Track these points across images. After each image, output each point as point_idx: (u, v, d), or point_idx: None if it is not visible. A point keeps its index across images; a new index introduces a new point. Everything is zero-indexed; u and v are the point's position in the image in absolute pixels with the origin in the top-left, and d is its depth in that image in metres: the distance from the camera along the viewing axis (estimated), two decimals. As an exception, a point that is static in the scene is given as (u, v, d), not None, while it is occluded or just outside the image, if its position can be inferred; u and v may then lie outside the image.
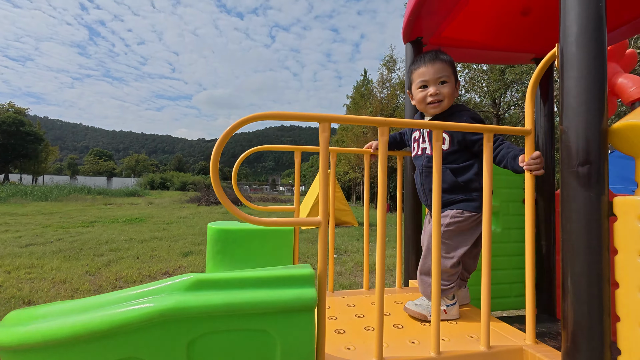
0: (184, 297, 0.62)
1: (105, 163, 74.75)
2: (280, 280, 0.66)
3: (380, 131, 0.74)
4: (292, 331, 0.64)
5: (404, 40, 1.33)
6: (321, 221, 0.71)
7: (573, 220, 0.58)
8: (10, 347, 0.56)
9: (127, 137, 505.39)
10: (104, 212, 13.28)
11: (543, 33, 1.39)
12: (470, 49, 1.45)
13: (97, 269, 4.63)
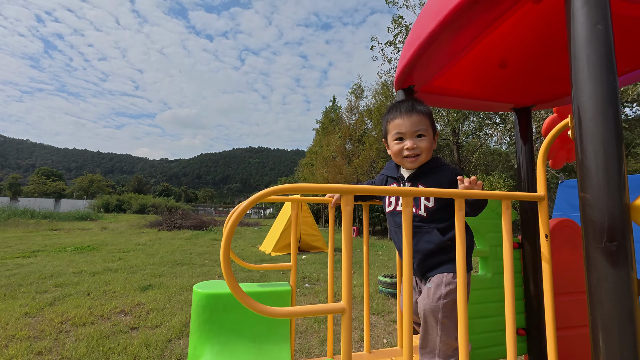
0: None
1: (53, 183, 68.54)
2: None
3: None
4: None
5: (396, 87, 1.35)
6: (345, 308, 0.64)
7: (605, 301, 0.57)
8: None
9: (81, 155, 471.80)
10: (49, 239, 12.02)
11: (520, 84, 1.49)
12: (455, 97, 1.51)
13: (38, 309, 4.08)
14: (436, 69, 1.18)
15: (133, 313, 4.10)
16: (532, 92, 1.55)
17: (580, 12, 0.65)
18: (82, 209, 31.79)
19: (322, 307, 0.64)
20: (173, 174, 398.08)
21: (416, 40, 1.01)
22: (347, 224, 0.63)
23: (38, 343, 3.09)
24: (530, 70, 1.43)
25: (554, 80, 1.47)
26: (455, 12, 0.83)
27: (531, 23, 1.18)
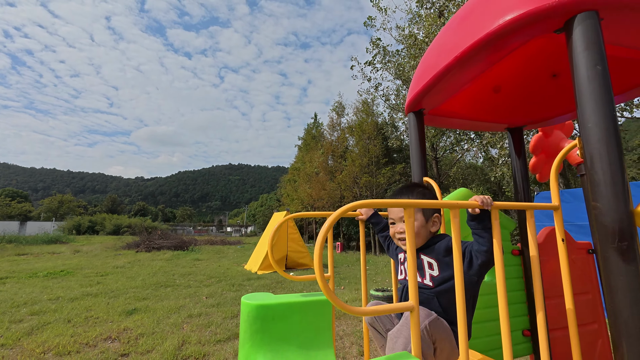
0: None
1: (18, 205, 64.44)
2: None
3: (453, 214, 0.79)
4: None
5: (407, 110, 1.48)
6: (414, 306, 0.71)
7: (621, 293, 0.68)
8: None
9: (49, 175, 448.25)
10: (17, 264, 11.26)
11: (513, 107, 1.66)
12: (457, 119, 1.66)
13: (15, 340, 3.82)
14: (445, 96, 1.31)
15: (121, 339, 3.92)
16: (524, 114, 1.73)
17: (582, 55, 0.80)
18: (51, 232, 30.02)
19: (395, 306, 0.71)
20: (149, 192, 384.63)
21: (430, 71, 1.15)
22: (411, 235, 0.72)
23: (20, 376, 2.90)
24: (521, 95, 1.60)
25: (542, 104, 1.65)
26: (470, 50, 0.96)
27: (522, 55, 1.35)
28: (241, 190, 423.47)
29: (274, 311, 1.09)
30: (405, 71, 20.27)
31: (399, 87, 22.32)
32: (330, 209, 23.32)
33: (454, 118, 1.65)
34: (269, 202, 56.70)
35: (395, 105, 22.03)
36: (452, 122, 1.69)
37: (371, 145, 21.68)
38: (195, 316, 4.95)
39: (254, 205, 76.95)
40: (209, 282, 8.06)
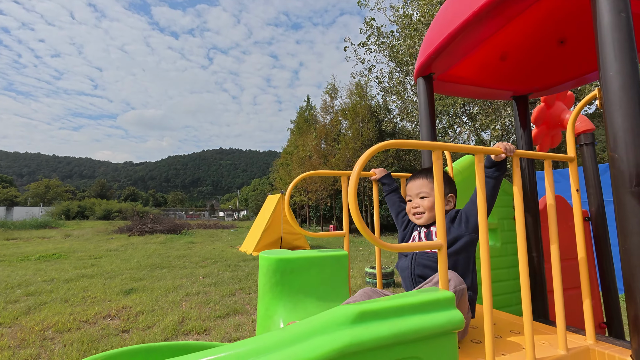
0: (355, 331, 0.57)
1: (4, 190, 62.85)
2: (430, 304, 0.66)
3: (477, 159, 0.80)
4: (441, 354, 0.64)
5: (417, 75, 1.46)
6: (442, 244, 0.72)
7: (634, 235, 0.70)
8: None
9: (34, 159, 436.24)
10: (6, 249, 11.10)
11: (519, 75, 1.66)
12: (464, 85, 1.65)
13: (13, 318, 3.81)
14: (455, 59, 1.30)
15: (120, 316, 3.95)
16: (529, 82, 1.73)
17: (606, 2, 0.79)
18: (40, 217, 29.52)
19: (424, 244, 0.72)
20: (139, 177, 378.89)
21: (442, 34, 1.13)
22: (439, 175, 0.73)
23: (22, 351, 2.91)
24: (527, 63, 1.60)
25: (548, 71, 1.66)
26: (490, 3, 0.94)
27: (530, 21, 1.33)
28: (233, 175, 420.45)
29: (293, 265, 1.11)
30: (399, 53, 20.00)
31: (393, 70, 22.07)
32: (323, 192, 23.33)
33: (461, 84, 1.64)
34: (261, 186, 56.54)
35: (388, 88, 21.86)
36: (460, 89, 1.69)
37: (364, 128, 21.58)
38: (193, 295, 5.00)
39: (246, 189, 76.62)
40: (205, 263, 8.10)
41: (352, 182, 0.63)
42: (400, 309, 0.64)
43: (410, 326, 0.62)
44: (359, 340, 0.58)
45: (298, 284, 1.10)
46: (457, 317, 0.67)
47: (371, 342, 0.59)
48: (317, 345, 0.55)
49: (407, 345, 0.62)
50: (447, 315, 0.66)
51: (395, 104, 22.93)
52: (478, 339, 1.06)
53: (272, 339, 0.57)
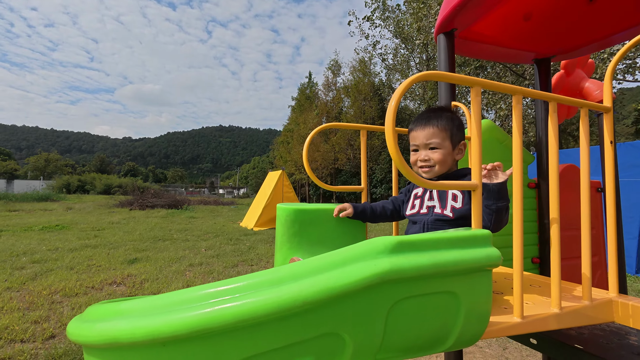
0: (395, 259, 0.56)
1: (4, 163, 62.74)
2: (467, 240, 0.64)
3: (515, 99, 0.76)
4: (476, 291, 0.63)
5: (438, 31, 1.39)
6: (477, 184, 0.70)
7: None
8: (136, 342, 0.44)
9: (32, 133, 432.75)
10: (9, 219, 11.19)
11: (542, 35, 1.59)
12: (485, 45, 1.58)
13: (20, 283, 3.88)
14: (482, 11, 1.23)
15: (126, 283, 4.02)
16: (553, 42, 1.66)
17: None
18: (40, 190, 29.61)
19: (457, 183, 0.70)
20: (138, 153, 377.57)
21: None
22: (477, 113, 0.69)
23: (31, 313, 2.98)
24: (552, 23, 1.52)
25: (573, 32, 1.58)
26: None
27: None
28: (232, 152, 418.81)
29: (312, 216, 1.10)
30: (404, 29, 19.37)
31: (398, 46, 21.45)
32: (324, 170, 23.30)
33: (483, 43, 1.57)
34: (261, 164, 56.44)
35: (392, 65, 21.32)
36: (481, 49, 1.62)
37: (367, 106, 21.27)
38: (196, 265, 5.08)
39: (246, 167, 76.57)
40: (207, 236, 8.19)
41: (389, 114, 0.59)
42: (438, 242, 0.62)
43: (448, 259, 0.61)
44: (399, 267, 0.57)
45: (316, 236, 1.09)
46: (494, 253, 0.65)
47: (411, 270, 0.57)
48: (357, 270, 0.54)
49: (443, 279, 0.61)
50: (484, 252, 0.65)
51: (398, 82, 22.45)
52: (498, 290, 1.07)
53: (310, 265, 0.55)
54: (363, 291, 0.55)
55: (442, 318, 0.64)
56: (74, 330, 0.55)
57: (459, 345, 0.67)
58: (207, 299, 0.50)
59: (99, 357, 0.52)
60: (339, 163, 22.30)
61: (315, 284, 0.52)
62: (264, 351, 0.50)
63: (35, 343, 2.50)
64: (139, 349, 0.48)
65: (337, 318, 0.54)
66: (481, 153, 0.72)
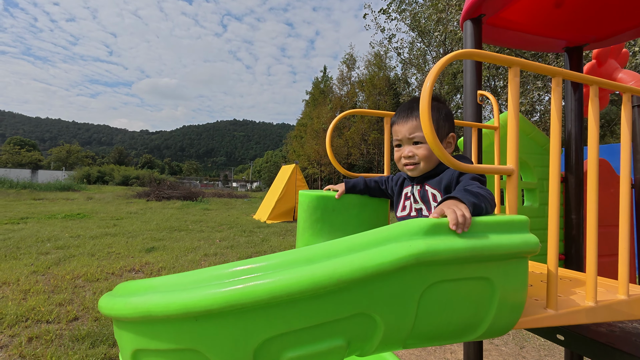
0: (430, 241, 0.55)
1: (28, 153, 65.37)
2: (505, 225, 0.62)
3: (555, 82, 0.72)
4: (511, 278, 0.62)
5: (465, 17, 1.34)
6: (513, 169, 0.68)
7: None
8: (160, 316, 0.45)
9: (55, 125, 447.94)
10: (34, 207, 11.66)
11: (575, 22, 1.51)
12: (514, 32, 1.52)
13: (45, 268, 4.04)
14: (509, -1, 1.17)
15: (144, 271, 4.13)
16: (586, 30, 1.58)
17: None
18: (62, 180, 30.68)
19: (493, 168, 0.68)
20: (155, 146, 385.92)
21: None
22: (514, 96, 0.67)
23: (56, 296, 3.10)
24: (586, 9, 1.44)
25: (609, 18, 1.50)
26: None
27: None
28: (246, 146, 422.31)
29: (334, 203, 1.10)
30: (421, 22, 18.95)
31: (414, 40, 21.05)
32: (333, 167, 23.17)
33: (511, 30, 1.51)
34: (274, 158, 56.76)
35: (408, 59, 20.96)
36: (509, 37, 1.55)
37: (382, 101, 21.00)
38: (211, 255, 5.17)
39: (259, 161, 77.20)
40: (221, 228, 8.31)
41: (425, 96, 0.57)
42: (474, 225, 0.60)
43: (485, 243, 0.59)
44: (435, 249, 0.55)
45: (338, 223, 1.09)
46: (532, 240, 0.63)
47: (446, 253, 0.56)
48: (392, 250, 0.53)
49: (478, 264, 0.59)
50: (522, 238, 0.63)
51: (414, 77, 22.08)
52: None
53: (343, 244, 0.55)
54: (398, 272, 0.53)
55: (474, 305, 0.62)
56: (107, 305, 0.56)
57: (490, 334, 0.65)
58: (239, 275, 0.50)
59: (130, 331, 0.52)
60: (352, 158, 22.18)
61: (351, 262, 0.51)
62: (295, 329, 0.50)
63: (60, 324, 2.60)
64: (172, 323, 0.48)
65: (370, 298, 0.53)
66: (518, 138, 0.69)
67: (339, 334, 0.53)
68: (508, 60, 0.66)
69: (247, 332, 0.48)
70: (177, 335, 0.48)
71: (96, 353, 2.23)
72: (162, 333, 0.49)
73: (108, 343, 2.37)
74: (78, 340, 2.37)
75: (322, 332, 0.51)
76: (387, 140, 1.35)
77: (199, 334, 0.47)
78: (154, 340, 0.49)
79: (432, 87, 0.57)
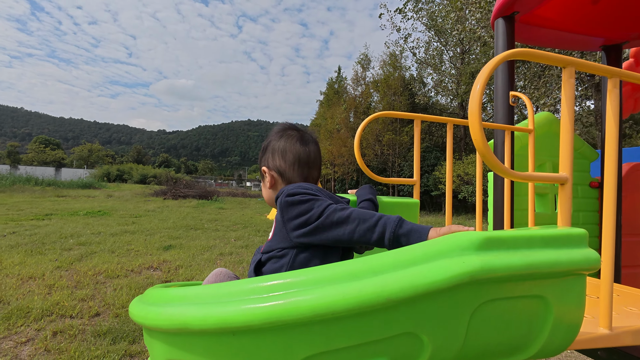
0: (485, 257, 0.52)
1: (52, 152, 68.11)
2: (562, 239, 0.58)
3: (612, 83, 0.67)
4: (568, 297, 0.58)
5: (497, 15, 1.28)
6: (567, 177, 0.63)
7: None
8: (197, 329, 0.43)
9: (77, 125, 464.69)
10: (58, 204, 12.08)
11: (613, 19, 1.43)
12: (548, 30, 1.45)
13: (68, 263, 4.16)
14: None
15: (162, 269, 4.20)
16: (625, 27, 1.49)
17: None
18: (84, 178, 31.74)
19: (546, 176, 0.64)
20: (171, 145, 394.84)
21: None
22: (570, 100, 0.62)
23: (79, 291, 3.18)
24: (624, 5, 1.36)
25: (651, 15, 1.41)
26: None
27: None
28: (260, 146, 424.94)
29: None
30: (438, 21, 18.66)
31: (431, 39, 20.74)
32: (351, 166, 23.16)
33: (545, 28, 1.44)
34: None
35: (424, 59, 20.66)
36: (543, 35, 1.48)
37: (397, 101, 20.79)
38: (226, 254, 5.21)
39: (273, 162, 77.67)
40: (235, 227, 8.40)
41: (475, 100, 0.54)
42: (530, 240, 0.56)
43: (543, 259, 0.54)
44: (490, 266, 0.51)
45: None
46: (593, 256, 0.58)
47: (502, 270, 0.52)
48: (444, 268, 0.49)
49: (534, 281, 0.55)
50: (581, 253, 0.58)
51: (430, 77, 21.75)
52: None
53: (388, 259, 0.51)
54: (449, 290, 0.50)
55: (528, 324, 0.57)
56: (139, 313, 0.55)
57: (542, 355, 0.60)
58: (277, 289, 0.48)
59: (163, 341, 0.51)
60: (366, 159, 22.03)
61: (400, 280, 0.48)
62: (337, 348, 0.47)
63: (82, 319, 2.66)
64: (209, 337, 0.46)
65: (418, 317, 0.50)
66: (573, 141, 0.64)
67: (383, 354, 0.49)
68: (563, 60, 0.62)
69: (287, 349, 0.45)
70: (213, 349, 0.46)
71: (117, 349, 2.27)
72: (197, 346, 0.47)
73: (128, 340, 2.41)
74: (100, 336, 2.42)
75: (365, 351, 0.48)
76: (417, 143, 1.31)
77: (237, 349, 0.45)
78: (189, 353, 0.48)
79: (483, 91, 0.53)
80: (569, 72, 0.63)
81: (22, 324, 2.53)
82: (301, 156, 0.99)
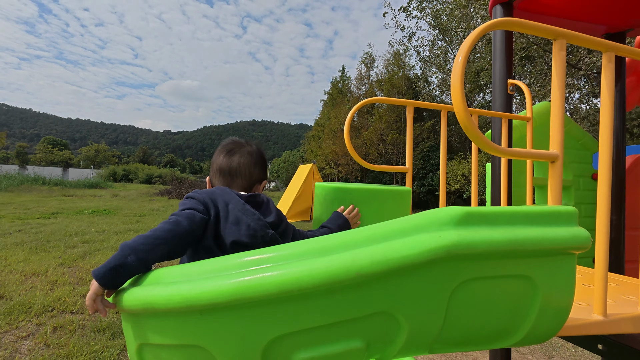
0: (463, 231, 0.49)
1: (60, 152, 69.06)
2: (549, 216, 0.56)
3: (606, 57, 0.65)
4: (556, 278, 0.55)
5: (495, 1, 1.25)
6: (557, 155, 0.61)
7: None
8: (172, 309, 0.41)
9: (85, 125, 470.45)
10: (64, 203, 12.22)
11: (616, 5, 1.39)
12: (549, 17, 1.41)
13: (72, 260, 4.20)
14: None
15: (163, 265, 4.20)
16: (629, 14, 1.44)
17: None
18: (91, 178, 32.06)
19: (535, 152, 0.61)
20: (177, 146, 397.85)
21: None
22: (560, 74, 0.60)
23: (81, 287, 3.20)
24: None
25: (654, 1, 1.37)
26: None
27: None
28: (264, 147, 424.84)
29: (352, 195, 1.04)
30: (442, 19, 18.52)
31: (435, 37, 20.61)
32: (354, 166, 23.10)
33: (545, 15, 1.40)
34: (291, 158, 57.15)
35: (428, 57, 20.54)
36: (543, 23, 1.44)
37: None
38: (229, 252, 5.22)
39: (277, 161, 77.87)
40: (239, 226, 8.40)
41: (457, 69, 0.51)
42: (514, 216, 0.53)
43: (527, 236, 0.51)
44: (468, 240, 0.48)
45: (361, 213, 1.03)
46: (582, 234, 0.55)
47: (482, 245, 0.49)
48: (419, 242, 0.47)
49: (519, 260, 0.52)
50: (570, 231, 0.55)
51: (434, 75, 21.61)
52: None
53: (363, 234, 0.49)
54: (425, 266, 0.47)
55: (513, 307, 0.54)
56: (113, 296, 0.53)
57: (528, 341, 0.58)
58: (247, 266, 0.46)
59: (134, 324, 0.50)
60: (370, 158, 21.97)
61: (372, 254, 0.45)
62: (308, 327, 0.45)
63: (82, 315, 2.68)
64: (175, 316, 0.45)
65: (393, 295, 0.47)
66: (563, 118, 0.61)
67: (357, 335, 0.47)
68: (553, 31, 0.59)
69: (255, 328, 0.43)
70: (181, 330, 0.44)
71: (116, 344, 2.27)
72: (165, 327, 0.46)
73: (127, 335, 2.41)
74: (99, 332, 2.43)
75: (338, 331, 0.46)
76: (409, 130, 1.28)
77: (204, 329, 0.43)
78: (158, 335, 0.46)
79: (465, 62, 0.51)
80: (560, 44, 0.60)
81: (24, 319, 2.55)
82: (222, 167, 1.09)
